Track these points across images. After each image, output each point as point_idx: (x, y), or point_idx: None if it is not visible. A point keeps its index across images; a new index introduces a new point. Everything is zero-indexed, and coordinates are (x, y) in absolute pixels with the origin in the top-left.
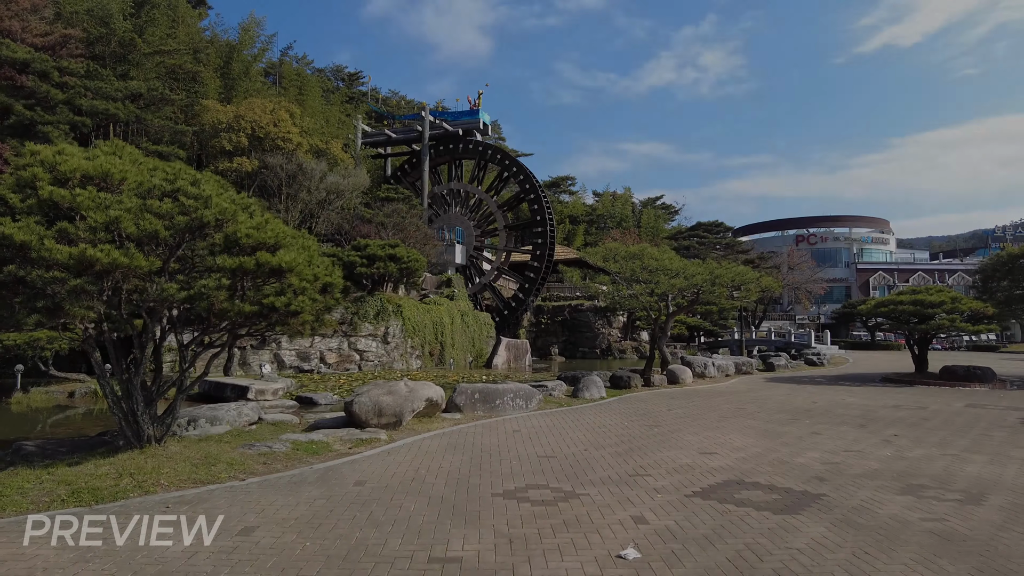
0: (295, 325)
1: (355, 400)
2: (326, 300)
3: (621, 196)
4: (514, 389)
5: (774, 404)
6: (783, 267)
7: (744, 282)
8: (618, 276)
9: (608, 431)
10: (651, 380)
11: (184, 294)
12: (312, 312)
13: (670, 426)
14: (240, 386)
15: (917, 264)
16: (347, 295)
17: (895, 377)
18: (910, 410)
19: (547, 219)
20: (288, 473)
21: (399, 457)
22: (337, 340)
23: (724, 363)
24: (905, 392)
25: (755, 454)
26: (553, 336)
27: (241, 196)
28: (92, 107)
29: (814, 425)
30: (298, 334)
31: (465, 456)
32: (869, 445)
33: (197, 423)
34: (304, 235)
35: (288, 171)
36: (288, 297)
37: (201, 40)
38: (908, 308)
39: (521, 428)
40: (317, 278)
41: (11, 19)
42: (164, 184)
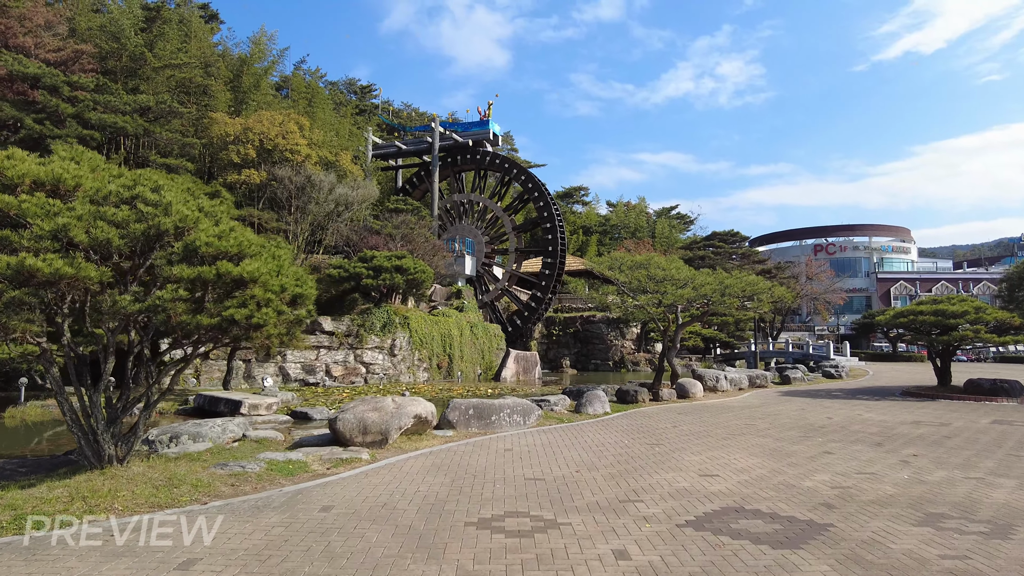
0: (259, 340)
1: (339, 417)
2: (296, 313)
3: (635, 206)
4: (511, 404)
5: (786, 420)
6: (801, 277)
7: (756, 292)
8: (624, 286)
9: (605, 450)
10: (660, 394)
11: (138, 306)
12: (278, 325)
13: (672, 444)
14: (234, 400)
15: (940, 273)
16: (354, 307)
17: (916, 391)
18: (931, 427)
19: (558, 230)
20: (254, 496)
21: (376, 479)
22: (343, 353)
23: (737, 376)
24: (927, 407)
25: (759, 476)
26: (565, 348)
27: (216, 203)
28: (101, 121)
29: (827, 443)
30: (265, 349)
31: (447, 478)
32: (885, 466)
33: (179, 439)
34: (277, 244)
35: (297, 183)
36: (250, 309)
37: (212, 54)
38: (929, 319)
39: (514, 447)
40: (285, 289)
41: (24, 35)
42: (122, 190)
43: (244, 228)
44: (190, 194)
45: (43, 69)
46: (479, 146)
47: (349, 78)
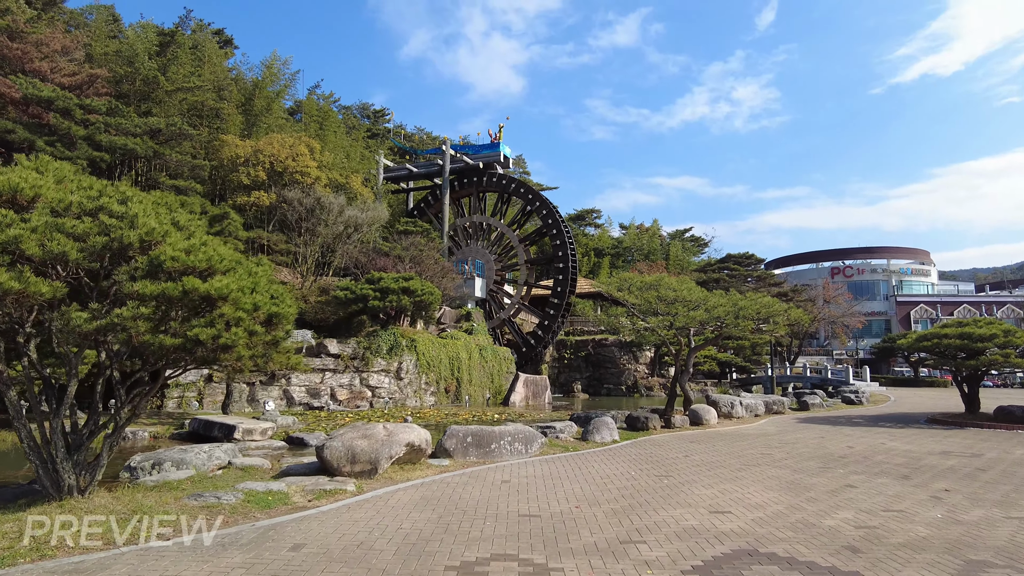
0: (228, 361)
1: (326, 445)
2: (273, 333)
3: (649, 229)
4: (512, 432)
5: (804, 449)
6: (818, 300)
7: (771, 314)
8: (634, 308)
9: (610, 482)
10: (672, 421)
11: (95, 324)
12: (251, 347)
13: (682, 476)
14: (228, 425)
15: (962, 296)
16: (362, 330)
17: (943, 418)
18: (963, 458)
19: (568, 252)
20: (223, 532)
21: (358, 514)
22: (348, 376)
23: (753, 402)
24: (955, 436)
25: (776, 513)
26: (576, 372)
27: (194, 218)
28: (111, 143)
29: (848, 476)
30: (238, 371)
31: (434, 514)
32: (915, 503)
33: (162, 466)
34: (258, 260)
35: (306, 205)
36: (217, 329)
37: (226, 78)
38: (954, 342)
39: (512, 478)
40: (258, 308)
41: (41, 60)
42: (85, 202)
43: (218, 242)
44: (167, 208)
45: (56, 92)
46: (490, 168)
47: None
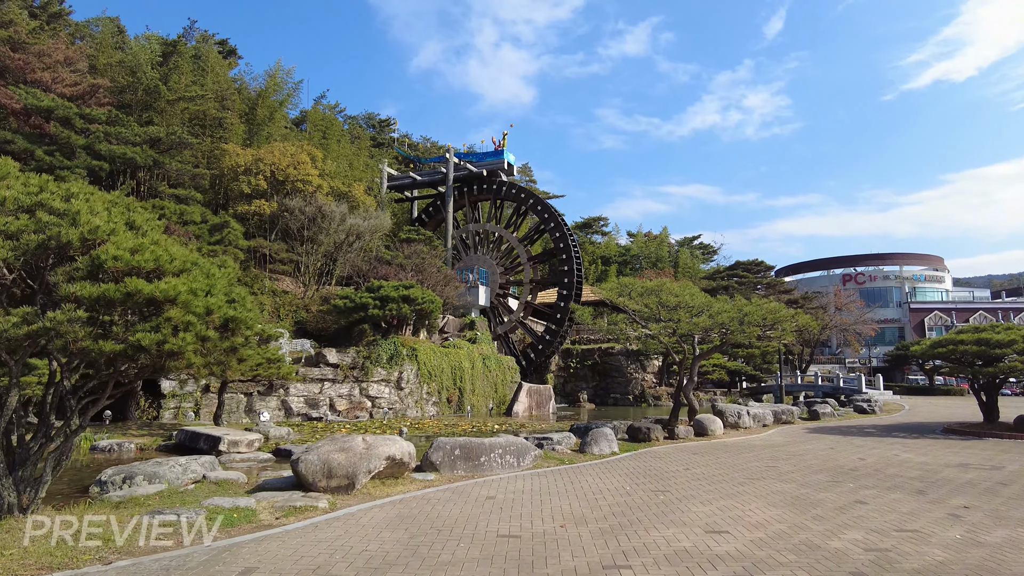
0: (178, 369)
1: (301, 458)
2: (231, 340)
3: (657, 236)
4: (504, 444)
5: (813, 461)
6: (829, 308)
7: (777, 320)
8: (635, 314)
9: (602, 498)
10: (675, 432)
11: (24, 329)
12: (205, 353)
13: (681, 491)
14: (213, 437)
15: (977, 303)
16: (363, 339)
17: (959, 428)
18: (982, 471)
19: (574, 260)
20: (171, 554)
21: (324, 533)
22: (348, 386)
23: (761, 412)
24: (973, 447)
25: (777, 533)
26: (583, 381)
27: (153, 218)
28: (111, 152)
29: (859, 491)
30: (191, 379)
31: (406, 534)
32: (931, 521)
33: (133, 480)
34: (223, 262)
35: (308, 214)
36: (163, 334)
37: (229, 88)
38: (971, 348)
39: (498, 494)
40: (211, 312)
41: (43, 71)
42: (22, 197)
43: (171, 241)
44: (125, 208)
45: (56, 102)
46: (494, 176)
47: (369, 112)
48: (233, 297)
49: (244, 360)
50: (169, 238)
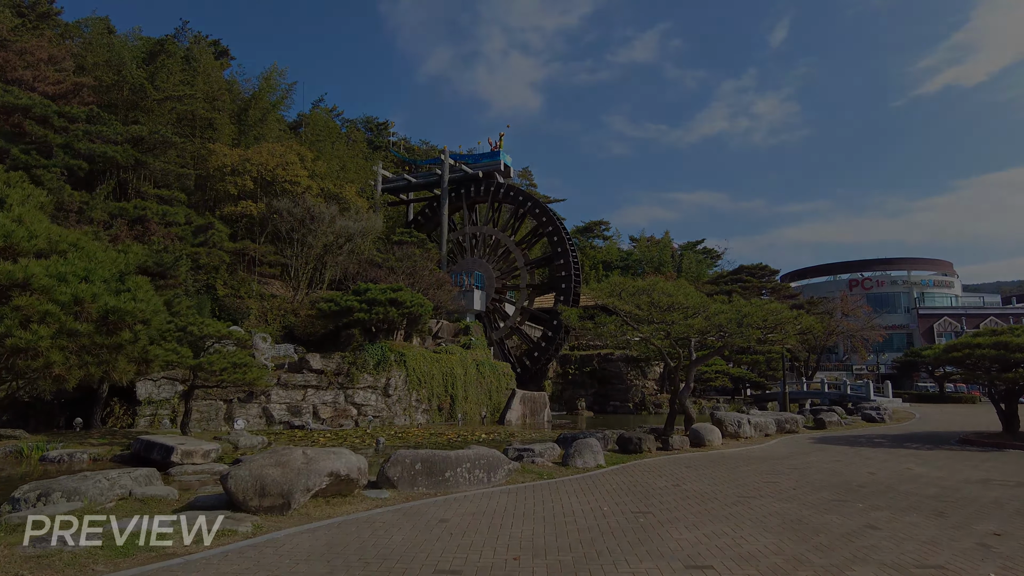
0: (32, 368)
1: (231, 473)
2: (116, 336)
3: (660, 241)
4: (473, 457)
5: (817, 476)
6: (835, 313)
7: (779, 322)
8: (626, 316)
9: (572, 522)
10: (670, 442)
11: None
12: (69, 350)
13: (665, 512)
14: (166, 446)
15: (988, 308)
16: (351, 344)
17: (977, 439)
18: (1007, 488)
19: (572, 264)
20: None
21: (230, 566)
22: (332, 393)
23: (763, 420)
24: (994, 460)
25: (771, 569)
26: (581, 388)
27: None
28: (90, 150)
29: (869, 512)
30: (58, 382)
31: (327, 568)
32: (957, 553)
33: (49, 498)
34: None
35: (296, 215)
36: (6, 326)
37: (220, 89)
38: (988, 352)
39: (454, 516)
40: (80, 301)
41: (24, 69)
42: None
43: (41, 220)
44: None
45: (34, 100)
46: (490, 178)
47: (367, 116)
48: (127, 287)
49: (212, 365)
50: (40, 215)
